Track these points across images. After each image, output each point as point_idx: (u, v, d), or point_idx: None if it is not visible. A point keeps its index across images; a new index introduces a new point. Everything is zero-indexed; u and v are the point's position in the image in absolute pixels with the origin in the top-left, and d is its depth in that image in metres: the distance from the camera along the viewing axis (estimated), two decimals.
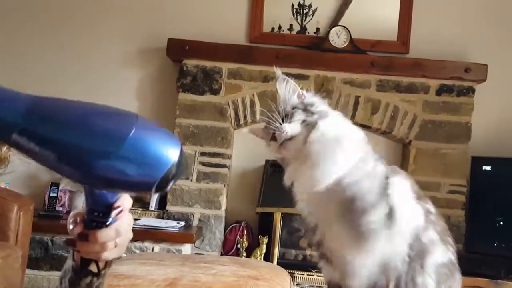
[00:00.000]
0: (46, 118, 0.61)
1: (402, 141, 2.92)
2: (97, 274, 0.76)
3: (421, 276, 0.92)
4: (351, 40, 2.89)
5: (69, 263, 0.78)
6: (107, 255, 0.72)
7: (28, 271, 2.34)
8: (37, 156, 0.62)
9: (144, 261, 1.50)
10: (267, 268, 1.58)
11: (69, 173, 0.65)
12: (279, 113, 1.04)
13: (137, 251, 2.36)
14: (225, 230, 2.89)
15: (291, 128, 0.99)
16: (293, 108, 1.03)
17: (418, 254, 0.93)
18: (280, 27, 3.01)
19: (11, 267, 1.78)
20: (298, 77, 2.88)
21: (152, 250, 2.47)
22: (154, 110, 3.04)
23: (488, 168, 2.70)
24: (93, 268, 0.76)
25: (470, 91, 2.85)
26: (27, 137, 0.60)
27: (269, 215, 2.75)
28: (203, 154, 2.88)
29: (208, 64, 2.89)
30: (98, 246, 0.71)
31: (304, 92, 1.08)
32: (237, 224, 2.87)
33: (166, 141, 0.65)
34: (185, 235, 2.60)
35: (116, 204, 0.70)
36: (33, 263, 2.49)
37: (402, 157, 2.97)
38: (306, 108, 1.02)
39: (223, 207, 2.89)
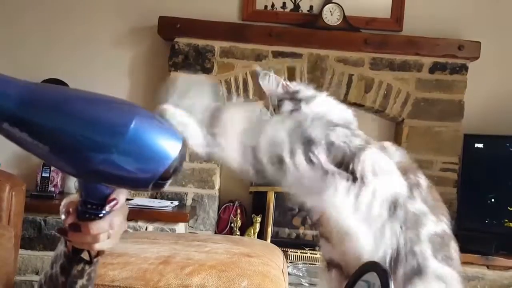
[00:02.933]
0: (41, 106, 0.57)
1: (395, 119, 2.93)
2: (89, 262, 0.75)
3: (418, 245, 0.94)
4: (345, 17, 2.87)
5: (60, 248, 0.77)
6: (100, 246, 0.71)
7: (21, 251, 2.34)
8: (29, 146, 0.58)
9: (138, 239, 1.50)
10: (260, 246, 1.59)
11: (63, 166, 0.62)
12: (266, 107, 1.06)
13: (130, 231, 2.37)
14: (218, 210, 2.90)
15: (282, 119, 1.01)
16: (280, 100, 1.04)
17: (411, 224, 0.94)
18: (273, 5, 2.97)
19: (4, 247, 1.78)
20: (291, 56, 2.86)
21: (146, 229, 2.48)
22: (146, 89, 3.01)
23: (480, 145, 2.72)
24: (85, 256, 0.74)
25: (463, 68, 2.84)
26: (19, 126, 0.57)
27: (263, 194, 2.77)
28: None
29: (200, 42, 2.86)
30: (90, 237, 0.69)
31: (288, 82, 1.09)
32: (231, 204, 2.88)
33: (168, 134, 0.62)
34: (178, 215, 2.60)
35: (111, 197, 0.68)
36: (26, 243, 2.49)
37: (395, 135, 2.98)
38: (293, 97, 1.04)
39: (217, 187, 2.89)
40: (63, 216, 0.70)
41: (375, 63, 2.86)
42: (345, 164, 0.92)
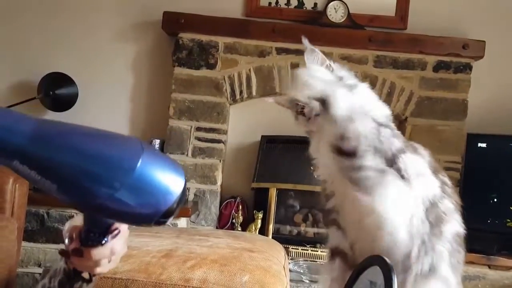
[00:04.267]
0: (50, 143, 0.58)
1: (398, 117, 2.92)
2: (89, 281, 0.78)
3: (440, 243, 0.95)
4: (349, 14, 2.86)
5: (60, 265, 0.79)
6: (100, 270, 0.74)
7: (24, 243, 2.36)
8: (37, 183, 0.59)
9: (140, 233, 1.51)
10: (262, 241, 1.60)
11: (70, 201, 0.62)
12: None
13: None
14: (220, 205, 2.90)
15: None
16: None
17: (436, 220, 0.96)
18: (277, 1, 2.97)
19: (7, 239, 1.79)
20: (295, 52, 2.86)
21: None
22: (150, 85, 3.02)
23: (483, 145, 2.71)
24: (85, 275, 0.77)
25: (467, 67, 2.84)
26: (29, 164, 0.57)
27: (264, 190, 2.77)
28: (198, 129, 2.88)
29: (204, 38, 2.86)
30: (92, 262, 0.72)
31: (332, 64, 1.07)
32: (233, 199, 2.89)
33: (172, 172, 0.63)
34: (180, 210, 2.58)
35: (113, 226, 0.71)
36: (29, 235, 2.51)
37: None
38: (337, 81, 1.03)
39: (219, 182, 2.90)
40: (66, 241, 0.73)
41: (379, 61, 2.86)
42: (389, 164, 0.93)
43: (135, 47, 3.01)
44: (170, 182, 0.62)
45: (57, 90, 2.84)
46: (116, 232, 0.71)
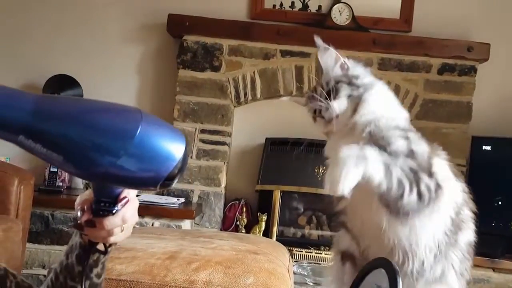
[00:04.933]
0: (53, 117, 0.60)
1: None
2: (104, 252, 0.80)
3: (453, 251, 0.94)
4: (353, 17, 2.86)
5: (76, 240, 0.81)
6: (114, 239, 0.76)
7: (28, 245, 2.36)
8: (44, 156, 0.61)
9: (145, 234, 1.51)
10: (266, 243, 1.59)
11: (76, 172, 0.65)
12: (322, 87, 1.02)
13: (137, 226, 2.38)
14: (224, 207, 2.90)
15: (339, 105, 0.98)
16: (337, 82, 1.01)
17: (455, 229, 0.95)
18: (281, 4, 2.97)
19: (12, 240, 1.80)
20: (299, 55, 2.86)
21: (152, 225, 2.49)
22: (155, 87, 3.02)
23: (488, 148, 2.70)
24: (100, 247, 0.79)
25: (472, 70, 2.83)
26: (34, 138, 0.59)
27: (269, 192, 2.77)
28: (203, 131, 2.88)
29: (209, 40, 2.87)
30: (105, 232, 0.74)
31: (347, 61, 1.05)
32: (237, 202, 2.89)
33: (172, 136, 0.65)
34: (184, 211, 2.61)
35: (122, 195, 0.73)
36: (33, 237, 2.52)
37: None
38: (351, 82, 1.00)
39: (223, 184, 2.90)
40: (78, 213, 0.74)
41: (384, 64, 2.85)
42: (426, 169, 0.91)
43: (140, 49, 3.02)
44: (170, 147, 0.64)
45: (61, 92, 2.85)
46: (125, 200, 0.73)
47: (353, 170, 0.82)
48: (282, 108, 2.86)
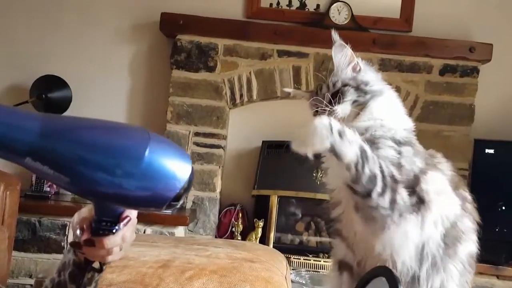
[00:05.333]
0: (60, 138, 0.61)
1: None
2: (100, 270, 0.81)
3: (452, 263, 0.94)
4: (353, 16, 2.86)
5: (69, 257, 0.82)
6: (112, 258, 0.77)
7: (14, 253, 2.33)
8: (50, 177, 0.62)
9: (136, 242, 1.49)
10: (263, 251, 1.58)
11: (83, 192, 0.66)
12: (328, 88, 1.01)
13: None
14: (219, 213, 2.89)
15: (343, 110, 0.98)
16: (345, 85, 1.01)
17: (453, 240, 0.94)
18: (278, 3, 2.97)
19: None
20: (296, 55, 2.86)
21: (144, 232, 2.47)
22: (147, 88, 3.01)
23: (491, 151, 2.71)
24: (96, 265, 0.80)
25: (474, 71, 2.84)
26: (42, 160, 0.60)
27: (265, 198, 2.76)
28: (197, 134, 2.87)
29: (203, 40, 2.86)
30: (104, 251, 0.74)
31: (360, 63, 1.05)
32: (232, 207, 2.88)
33: (179, 157, 0.67)
34: (178, 218, 2.60)
35: (124, 214, 0.74)
36: (20, 245, 2.48)
37: None
38: (359, 87, 1.00)
39: (218, 189, 2.89)
40: (78, 232, 0.75)
41: (384, 64, 2.85)
42: (410, 186, 0.91)
43: (132, 49, 3.01)
44: (177, 168, 0.66)
45: (50, 93, 2.84)
46: (127, 219, 0.74)
47: (322, 137, 0.85)
48: (279, 110, 2.86)
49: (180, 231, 2.60)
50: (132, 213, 0.75)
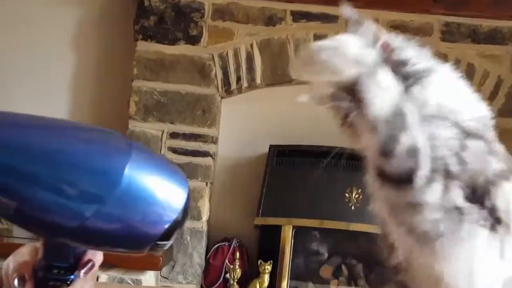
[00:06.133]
0: (3, 146, 0.61)
1: None
2: None
3: None
4: None
5: None
6: None
7: None
8: None
9: None
10: None
11: (32, 227, 0.66)
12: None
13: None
14: (207, 252, 2.90)
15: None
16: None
17: None
18: None
19: None
20: (319, 18, 2.87)
21: (97, 279, 2.48)
22: (100, 68, 3.04)
23: None
24: None
25: None
26: None
27: (275, 229, 2.76)
28: (174, 135, 2.88)
29: None
30: None
31: (393, 39, 1.05)
32: (226, 243, 2.88)
33: (171, 179, 0.69)
34: (146, 259, 2.60)
35: (85, 258, 0.74)
36: None
37: None
38: (397, 69, 1.01)
39: (204, 217, 2.90)
40: (16, 283, 0.74)
41: (450, 32, 2.86)
42: (478, 197, 0.90)
43: (77, 13, 3.04)
44: (169, 194, 0.68)
45: None
46: (89, 266, 0.74)
47: (346, 62, 0.85)
48: (294, 101, 2.85)
49: (149, 277, 2.60)
50: (96, 256, 0.76)
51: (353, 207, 2.64)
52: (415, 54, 1.03)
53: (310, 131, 2.52)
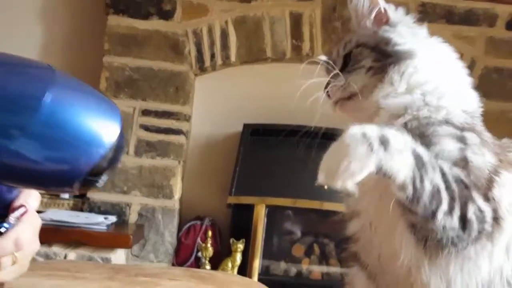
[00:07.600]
0: None
1: None
2: None
3: None
4: None
5: None
6: (2, 276, 0.74)
7: None
8: None
9: (52, 272, 1.49)
10: (243, 286, 1.59)
11: None
12: (338, 51, 1.04)
13: (41, 259, 2.35)
14: (179, 231, 2.90)
15: (355, 81, 1.00)
16: (359, 45, 1.02)
17: None
18: None
19: None
20: None
21: (65, 257, 2.47)
22: (68, 43, 3.01)
23: None
24: None
25: None
26: None
27: (247, 208, 2.77)
28: (146, 113, 2.87)
29: None
30: None
31: (389, 10, 1.05)
32: (198, 222, 2.89)
33: (100, 110, 0.66)
34: (116, 237, 2.60)
35: (17, 203, 0.72)
36: None
37: None
38: (377, 46, 1.00)
39: (177, 195, 2.89)
40: None
41: (426, 12, 2.86)
42: (483, 192, 0.90)
43: None
44: (98, 125, 0.65)
45: None
46: (21, 211, 0.72)
47: (361, 159, 0.84)
48: (269, 79, 2.85)
49: (119, 256, 2.60)
50: (30, 203, 0.73)
51: (326, 186, 2.65)
52: (406, 33, 1.03)
53: (285, 110, 2.50)
